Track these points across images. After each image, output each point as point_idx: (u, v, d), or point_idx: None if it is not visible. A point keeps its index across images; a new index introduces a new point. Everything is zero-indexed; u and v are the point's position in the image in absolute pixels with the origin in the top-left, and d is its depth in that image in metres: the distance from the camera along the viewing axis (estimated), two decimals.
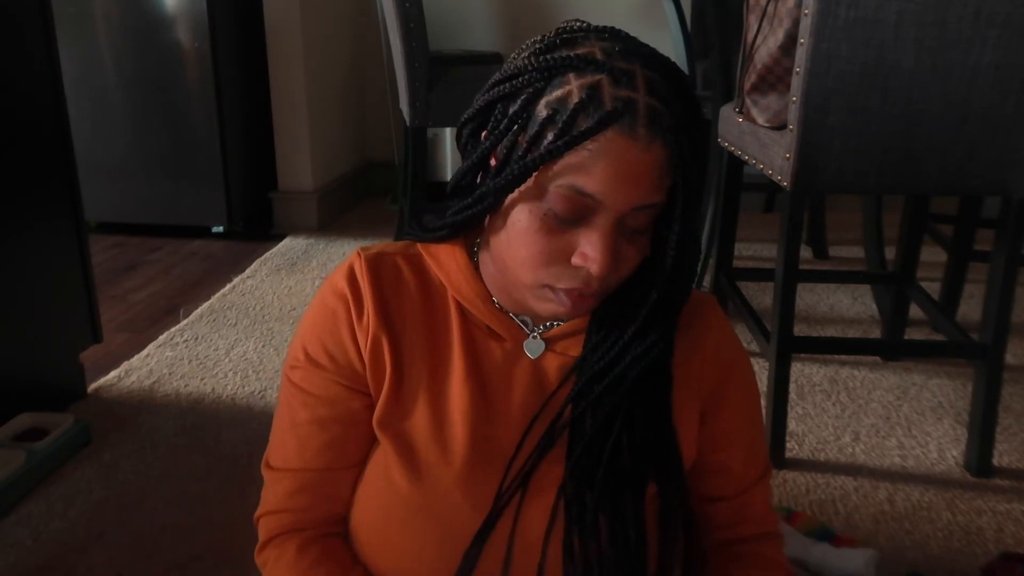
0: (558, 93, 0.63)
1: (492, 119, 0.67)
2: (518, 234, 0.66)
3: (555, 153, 0.62)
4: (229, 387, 1.71)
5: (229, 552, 1.20)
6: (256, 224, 2.83)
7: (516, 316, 0.75)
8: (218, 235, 2.77)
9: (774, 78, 1.40)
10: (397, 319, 0.74)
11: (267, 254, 2.57)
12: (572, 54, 0.63)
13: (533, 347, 0.74)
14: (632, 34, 0.69)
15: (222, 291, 2.25)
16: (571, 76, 0.63)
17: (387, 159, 3.28)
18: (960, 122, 1.26)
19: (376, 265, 0.75)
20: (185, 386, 1.71)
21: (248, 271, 2.41)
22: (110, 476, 1.39)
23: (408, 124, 2.12)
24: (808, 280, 2.23)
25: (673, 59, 2.61)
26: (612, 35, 0.66)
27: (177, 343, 1.92)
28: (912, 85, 1.24)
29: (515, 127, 0.65)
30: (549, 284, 0.67)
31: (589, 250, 0.64)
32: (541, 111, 0.63)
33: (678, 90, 0.64)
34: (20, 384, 1.50)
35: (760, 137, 1.44)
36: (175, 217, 2.73)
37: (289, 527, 0.77)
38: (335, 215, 2.96)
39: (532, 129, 0.63)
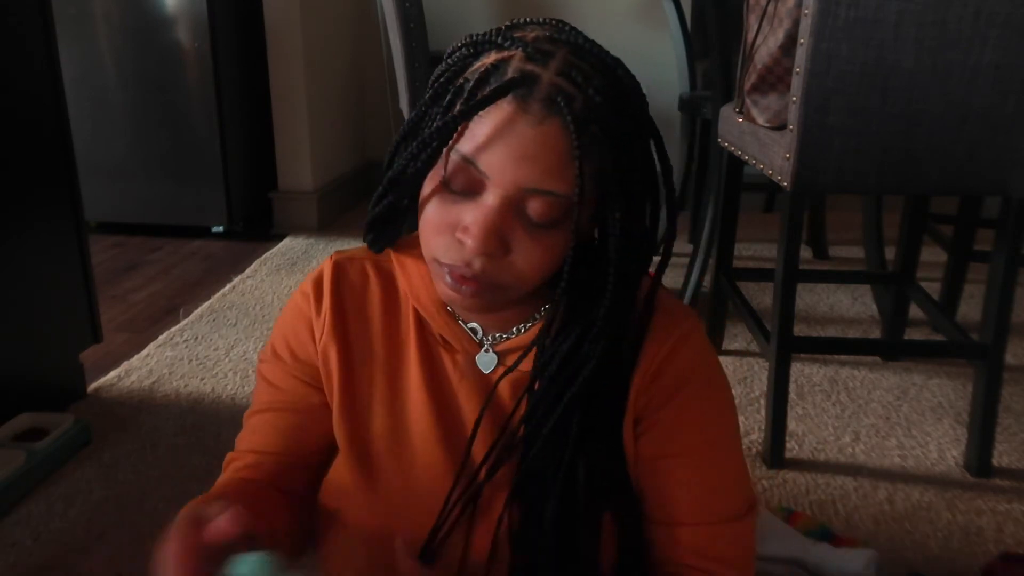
0: (475, 65, 0.63)
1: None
2: (421, 206, 0.65)
3: (452, 124, 0.60)
4: (229, 387, 1.71)
5: None
6: (256, 224, 2.83)
7: (466, 324, 0.73)
8: (218, 235, 2.77)
9: (774, 78, 1.40)
10: (354, 327, 0.74)
11: (267, 254, 2.57)
12: (501, 35, 0.62)
13: (485, 361, 0.72)
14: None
15: (222, 291, 2.25)
16: (492, 52, 0.62)
17: None
18: (960, 122, 1.26)
19: (342, 272, 0.75)
20: (185, 386, 1.71)
21: (248, 271, 2.41)
22: (110, 476, 1.39)
23: None
24: (808, 280, 2.22)
25: (673, 59, 2.59)
26: (557, 26, 0.64)
27: (177, 343, 1.92)
28: (912, 85, 1.24)
29: (436, 100, 0.64)
30: (437, 258, 0.64)
31: (469, 222, 0.61)
32: (458, 83, 0.63)
33: (609, 86, 0.61)
34: (20, 384, 1.50)
35: (760, 137, 1.44)
36: (175, 217, 2.73)
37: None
38: (335, 215, 2.96)
39: (445, 100, 0.63)
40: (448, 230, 0.63)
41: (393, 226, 0.72)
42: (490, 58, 0.62)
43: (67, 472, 1.40)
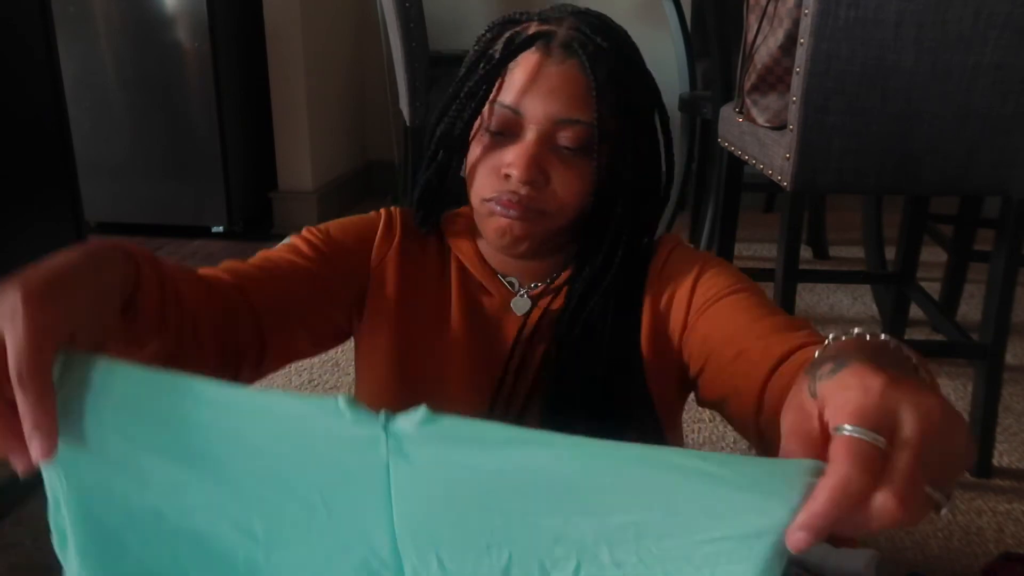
0: (499, 42, 0.77)
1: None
2: (468, 160, 0.78)
3: (491, 73, 0.74)
4: None
5: None
6: (256, 224, 2.83)
7: (504, 277, 0.84)
8: (218, 235, 2.77)
9: (774, 78, 1.40)
10: (412, 263, 0.84)
11: None
12: (517, 14, 0.77)
13: (519, 304, 0.82)
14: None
15: None
16: (510, 27, 0.77)
17: (387, 159, 3.28)
18: (960, 122, 1.26)
19: (409, 216, 0.86)
20: None
21: None
22: None
23: (408, 124, 2.12)
24: (808, 280, 2.23)
25: (673, 59, 2.58)
26: (561, 6, 0.77)
27: None
28: (912, 85, 1.24)
29: (470, 74, 0.77)
30: (484, 196, 0.76)
31: (512, 157, 0.74)
32: (487, 55, 0.77)
33: (613, 40, 0.74)
34: None
35: (760, 137, 1.44)
36: (175, 217, 2.73)
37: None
38: (335, 215, 2.92)
39: (479, 70, 0.76)
40: (495, 170, 0.75)
41: (439, 202, 0.83)
42: (509, 31, 0.77)
43: None
